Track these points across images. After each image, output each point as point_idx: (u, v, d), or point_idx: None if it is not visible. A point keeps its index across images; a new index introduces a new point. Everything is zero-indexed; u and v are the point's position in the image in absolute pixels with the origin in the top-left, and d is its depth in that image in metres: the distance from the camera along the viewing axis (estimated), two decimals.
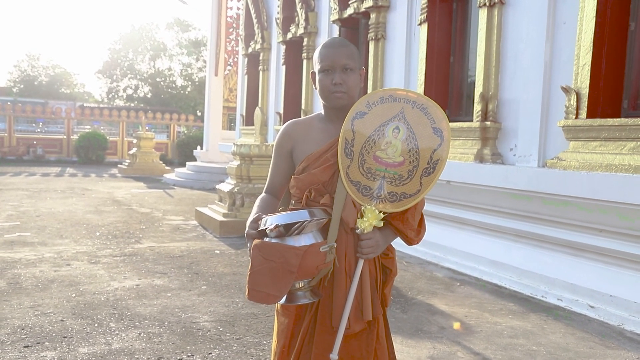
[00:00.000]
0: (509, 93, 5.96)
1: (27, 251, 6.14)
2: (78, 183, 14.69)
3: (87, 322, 3.93)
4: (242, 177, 8.16)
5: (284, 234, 1.69)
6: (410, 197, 1.78)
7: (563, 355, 3.65)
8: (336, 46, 1.85)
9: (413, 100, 1.80)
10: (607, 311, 4.43)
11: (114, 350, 3.44)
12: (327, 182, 1.84)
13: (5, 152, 22.94)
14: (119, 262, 5.79)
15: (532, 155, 5.60)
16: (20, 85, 44.37)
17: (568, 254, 5.05)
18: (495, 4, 6.03)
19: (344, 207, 1.79)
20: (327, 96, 1.86)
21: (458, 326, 4.11)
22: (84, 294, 4.61)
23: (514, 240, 5.67)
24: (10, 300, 4.36)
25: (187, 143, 24.37)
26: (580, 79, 5.02)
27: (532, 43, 5.61)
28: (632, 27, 4.97)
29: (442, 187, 6.52)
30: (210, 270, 5.60)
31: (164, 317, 4.09)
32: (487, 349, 3.71)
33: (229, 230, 7.61)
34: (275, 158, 1.99)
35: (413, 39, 7.53)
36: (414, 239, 1.89)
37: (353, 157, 1.80)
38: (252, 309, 4.38)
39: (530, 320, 4.37)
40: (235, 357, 3.40)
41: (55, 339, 3.58)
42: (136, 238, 7.19)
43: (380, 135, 1.80)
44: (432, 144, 1.78)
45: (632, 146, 4.53)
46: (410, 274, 5.76)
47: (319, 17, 10.36)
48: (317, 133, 1.91)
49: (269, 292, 1.67)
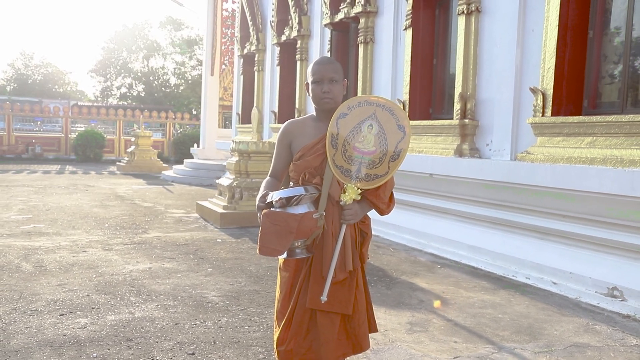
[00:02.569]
0: (485, 93, 6.54)
1: (44, 240, 6.68)
2: (80, 180, 15.19)
3: (110, 296, 4.49)
4: (240, 172, 8.71)
5: (286, 205, 2.26)
6: (381, 177, 2.36)
7: (523, 321, 4.24)
8: (325, 63, 2.43)
9: (382, 104, 2.38)
10: (567, 286, 5.02)
11: (137, 317, 4.00)
12: (318, 167, 2.41)
13: (4, 151, 23.38)
14: (130, 249, 6.34)
15: (506, 149, 6.20)
16: (14, 84, 44.65)
17: (535, 238, 5.65)
18: (472, 12, 6.61)
19: (331, 185, 2.36)
20: (318, 101, 2.44)
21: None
22: (103, 275, 5.17)
23: (489, 227, 6.26)
24: (39, 279, 4.91)
25: (183, 141, 24.90)
26: (546, 81, 5.62)
27: (505, 48, 6.20)
28: (591, 35, 5.56)
29: (425, 180, 7.11)
30: (214, 256, 6.16)
31: (177, 293, 4.65)
32: (458, 317, 4.29)
33: (229, 222, 8.16)
34: (277, 149, 2.56)
35: (399, 43, 8.11)
36: (385, 210, 2.46)
37: (338, 147, 2.37)
38: (254, 286, 4.94)
39: (499, 295, 4.96)
40: (242, 323, 3.97)
41: (85, 309, 4.14)
42: (143, 229, 7.74)
43: (358, 130, 2.37)
44: (397, 137, 2.35)
45: (589, 141, 5.13)
46: (396, 259, 6.34)
47: (311, 20, 10.92)
48: (310, 129, 2.48)
49: (274, 247, 2.24)
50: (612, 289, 4.64)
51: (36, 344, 3.43)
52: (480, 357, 3.48)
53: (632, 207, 4.64)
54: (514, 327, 4.08)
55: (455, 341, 3.74)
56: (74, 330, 3.69)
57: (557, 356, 3.52)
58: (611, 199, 4.78)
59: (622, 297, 4.55)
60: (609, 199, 4.81)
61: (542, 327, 4.10)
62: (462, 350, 3.59)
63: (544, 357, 3.49)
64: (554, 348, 3.67)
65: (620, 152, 4.79)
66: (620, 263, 4.76)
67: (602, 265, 4.87)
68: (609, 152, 4.88)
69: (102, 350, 3.36)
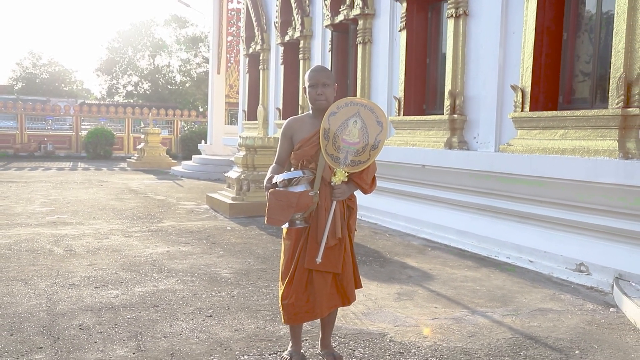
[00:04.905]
0: (472, 90, 7.12)
1: (69, 229, 7.31)
2: (93, 176, 15.86)
3: (135, 273, 5.10)
4: (247, 166, 9.32)
5: (288, 185, 2.86)
6: (363, 163, 2.95)
7: (498, 292, 4.83)
8: (319, 71, 3.02)
9: (365, 105, 2.97)
10: (541, 264, 5.61)
11: (160, 289, 4.61)
12: (313, 155, 3.00)
13: (17, 149, 24.12)
14: (148, 236, 6.96)
15: (490, 142, 6.77)
16: (22, 83, 45.39)
17: (516, 222, 6.23)
18: (460, 15, 7.18)
19: (324, 169, 2.95)
20: (314, 102, 3.03)
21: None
22: (127, 257, 5.79)
23: (476, 213, 6.85)
24: (71, 261, 5.53)
25: (190, 138, 25.53)
26: (525, 79, 6.19)
27: (490, 49, 6.77)
28: (565, 37, 6.13)
29: (418, 171, 7.70)
30: (224, 241, 6.77)
31: (194, 271, 5.26)
32: (441, 289, 4.88)
33: (237, 212, 8.77)
34: (281, 141, 3.15)
35: (395, 44, 8.68)
36: (367, 189, 3.06)
37: (329, 139, 2.95)
38: (262, 265, 5.55)
39: (481, 272, 5.55)
40: (251, 294, 4.57)
41: (115, 283, 4.76)
42: (158, 219, 8.36)
43: (345, 126, 2.95)
44: (376, 130, 2.94)
45: (561, 133, 5.70)
46: (391, 243, 6.94)
47: (313, 21, 11.50)
48: (307, 125, 3.08)
49: (279, 218, 2.84)
50: (580, 264, 5.22)
51: (78, 309, 4.04)
52: (456, 318, 4.08)
53: (596, 191, 5.22)
54: (489, 296, 4.67)
55: (435, 307, 4.34)
56: (108, 299, 4.31)
57: (521, 318, 4.11)
58: (579, 185, 5.36)
59: (588, 271, 5.14)
60: (577, 185, 5.39)
61: (513, 296, 4.69)
62: (441, 313, 4.18)
63: (509, 319, 4.09)
64: (520, 312, 4.26)
65: (587, 143, 5.36)
66: (586, 242, 5.34)
67: (572, 244, 5.45)
68: (578, 143, 5.46)
69: (134, 314, 3.98)
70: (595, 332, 3.86)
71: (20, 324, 3.70)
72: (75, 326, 3.69)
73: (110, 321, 3.81)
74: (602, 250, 5.17)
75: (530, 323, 3.99)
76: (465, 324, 3.94)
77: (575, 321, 4.07)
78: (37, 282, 4.71)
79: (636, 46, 4.95)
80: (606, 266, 4.97)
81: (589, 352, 3.48)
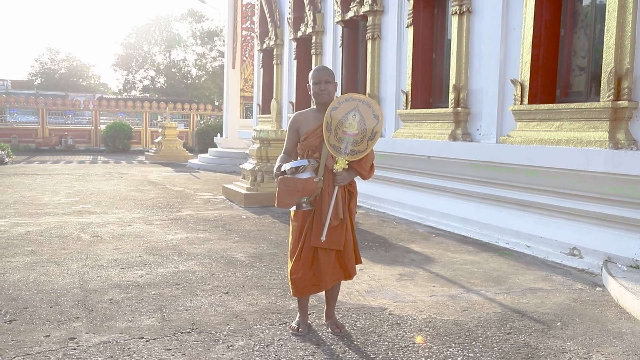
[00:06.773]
0: (475, 84, 7.43)
1: (94, 217, 7.77)
2: (113, 168, 16.40)
3: (157, 257, 5.53)
4: (261, 158, 9.72)
5: (295, 172, 3.24)
6: (362, 152, 3.32)
7: (494, 273, 5.18)
8: (321, 70, 3.40)
9: (363, 100, 3.34)
10: (538, 249, 5.93)
11: (181, 270, 5.03)
12: (317, 145, 3.38)
13: (39, 143, 24.81)
14: (168, 224, 7.40)
15: (492, 133, 7.09)
16: (41, 78, 46.24)
17: (515, 209, 6.56)
18: (464, 12, 7.48)
19: (327, 158, 3.33)
20: (317, 97, 3.40)
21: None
22: (149, 242, 6.22)
23: (479, 201, 7.18)
24: (98, 245, 5.98)
25: (206, 131, 26.02)
26: (524, 73, 6.49)
27: (491, 44, 7.07)
28: (562, 33, 6.42)
29: (424, 161, 8.04)
30: (240, 228, 7.18)
31: (211, 254, 5.68)
32: (440, 270, 5.24)
33: (252, 202, 9.19)
34: (288, 133, 3.53)
35: (403, 39, 9.00)
36: (366, 175, 3.43)
37: (331, 131, 3.33)
38: (274, 250, 5.95)
39: (480, 256, 5.89)
40: (264, 274, 4.97)
41: (139, 265, 5.19)
42: (176, 208, 8.80)
43: (346, 119, 3.32)
44: (373, 123, 3.31)
45: (557, 125, 6.01)
46: (397, 230, 7.30)
47: (325, 18, 11.84)
48: (312, 119, 3.45)
49: (287, 202, 3.23)
50: (573, 249, 5.54)
51: (108, 286, 4.47)
52: (452, 296, 4.44)
53: (588, 180, 5.53)
54: (485, 277, 5.03)
55: (434, 286, 4.71)
56: (134, 278, 4.74)
57: (512, 295, 4.46)
58: (573, 173, 5.67)
59: (580, 255, 5.46)
60: (571, 174, 5.70)
61: (508, 277, 5.04)
62: (438, 292, 4.55)
63: (501, 296, 4.44)
64: (512, 290, 4.61)
65: (580, 134, 5.67)
66: (580, 227, 5.66)
67: (566, 229, 5.77)
68: (572, 134, 5.77)
69: (158, 290, 4.40)
70: (579, 308, 4.20)
71: (58, 299, 4.13)
72: (106, 300, 4.12)
73: (137, 296, 4.23)
74: (594, 235, 5.48)
75: (519, 300, 4.34)
76: (459, 301, 4.30)
77: (562, 299, 4.41)
78: (69, 264, 5.16)
79: (625, 42, 5.24)
80: (597, 250, 5.29)
81: (570, 324, 3.82)
